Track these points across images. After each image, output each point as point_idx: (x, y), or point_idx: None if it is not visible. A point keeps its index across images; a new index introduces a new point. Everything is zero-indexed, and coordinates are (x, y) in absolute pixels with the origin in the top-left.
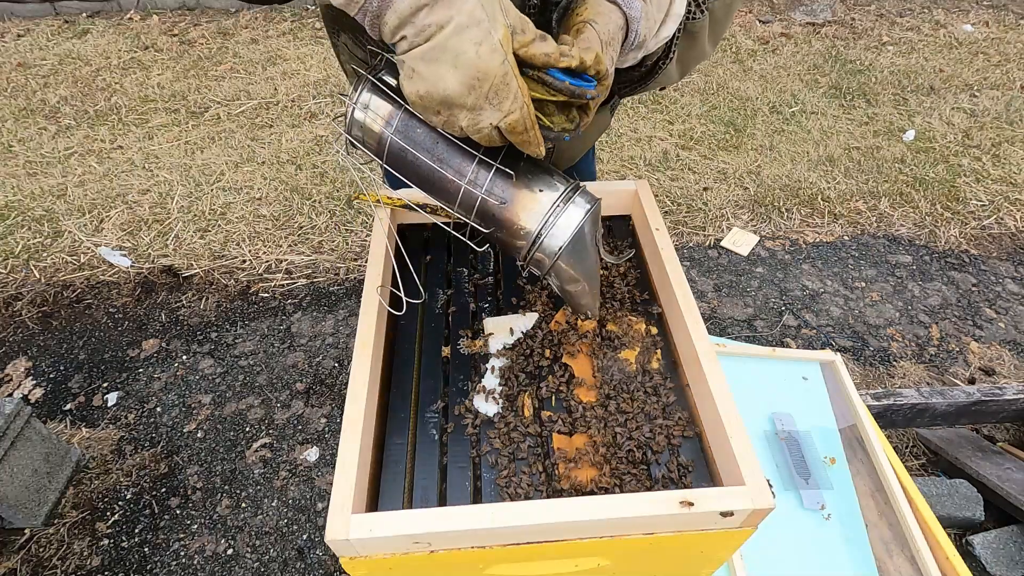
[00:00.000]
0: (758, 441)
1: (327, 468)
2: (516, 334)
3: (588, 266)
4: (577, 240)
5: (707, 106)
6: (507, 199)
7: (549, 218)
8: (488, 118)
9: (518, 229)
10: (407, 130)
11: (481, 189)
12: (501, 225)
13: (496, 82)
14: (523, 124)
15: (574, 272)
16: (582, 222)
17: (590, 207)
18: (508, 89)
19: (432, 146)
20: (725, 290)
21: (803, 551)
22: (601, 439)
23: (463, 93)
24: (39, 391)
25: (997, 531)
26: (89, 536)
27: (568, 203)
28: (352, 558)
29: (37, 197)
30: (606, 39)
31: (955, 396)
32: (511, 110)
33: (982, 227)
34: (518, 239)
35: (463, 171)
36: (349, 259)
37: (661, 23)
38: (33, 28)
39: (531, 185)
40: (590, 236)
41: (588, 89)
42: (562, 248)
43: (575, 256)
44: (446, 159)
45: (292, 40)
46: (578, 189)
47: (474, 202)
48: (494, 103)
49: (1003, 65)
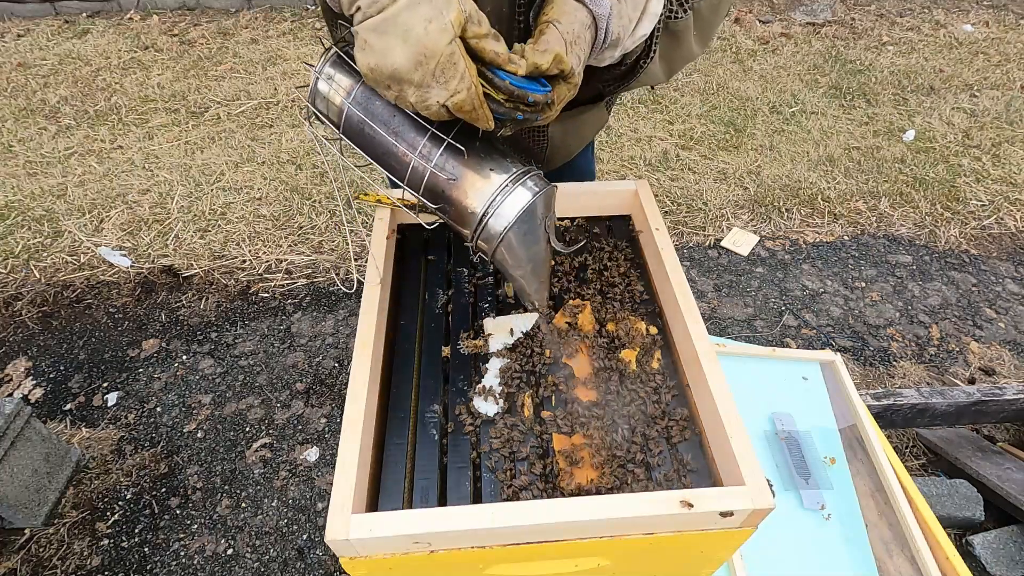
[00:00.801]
0: (758, 441)
1: (327, 468)
2: (516, 334)
3: (534, 252)
4: (522, 224)
5: (707, 106)
6: (457, 176)
7: (496, 198)
8: (435, 96)
9: (465, 208)
10: (366, 102)
11: (431, 163)
12: (449, 202)
13: (443, 61)
14: (470, 104)
15: (518, 257)
16: (528, 205)
17: (539, 191)
18: (455, 69)
19: (389, 119)
20: (725, 290)
21: (803, 551)
22: (601, 439)
23: (410, 69)
24: (39, 391)
25: (997, 531)
26: (89, 536)
27: (517, 185)
28: (352, 558)
29: (37, 197)
30: (570, 39)
31: (955, 396)
32: (457, 90)
33: (982, 227)
34: (464, 218)
35: (415, 145)
36: (349, 259)
37: (637, 22)
38: (33, 28)
39: (482, 164)
40: (539, 222)
41: (533, 93)
42: (506, 230)
43: (520, 240)
44: (401, 132)
45: (292, 40)
46: (531, 173)
47: (423, 176)
48: (440, 81)
49: (1003, 65)
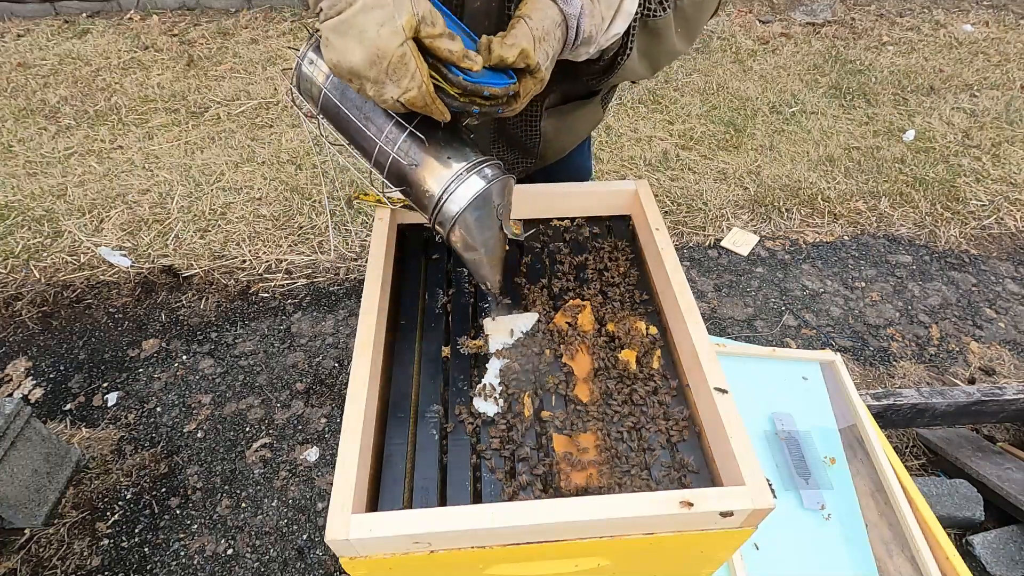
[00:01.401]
0: (758, 441)
1: (327, 468)
2: (516, 334)
3: (487, 237)
4: (475, 209)
5: (707, 106)
6: (418, 162)
7: (451, 184)
8: (389, 92)
9: (424, 191)
10: (342, 87)
11: (394, 148)
12: (411, 186)
13: (394, 61)
14: (422, 100)
15: (471, 240)
16: (481, 192)
17: (493, 180)
18: (406, 69)
19: (361, 104)
20: (725, 290)
21: (803, 551)
22: (601, 439)
23: (366, 67)
24: (39, 391)
25: (997, 531)
26: (89, 536)
27: (473, 173)
28: (352, 558)
29: (37, 197)
30: (539, 35)
31: (955, 396)
32: (408, 87)
33: (982, 227)
34: (424, 200)
35: (383, 130)
36: (349, 259)
37: (611, 20)
38: (33, 28)
39: (442, 152)
40: (493, 208)
41: (489, 87)
42: (459, 214)
43: (474, 224)
44: (371, 117)
45: (292, 40)
46: (489, 163)
47: (386, 160)
48: (393, 79)
49: (1003, 65)
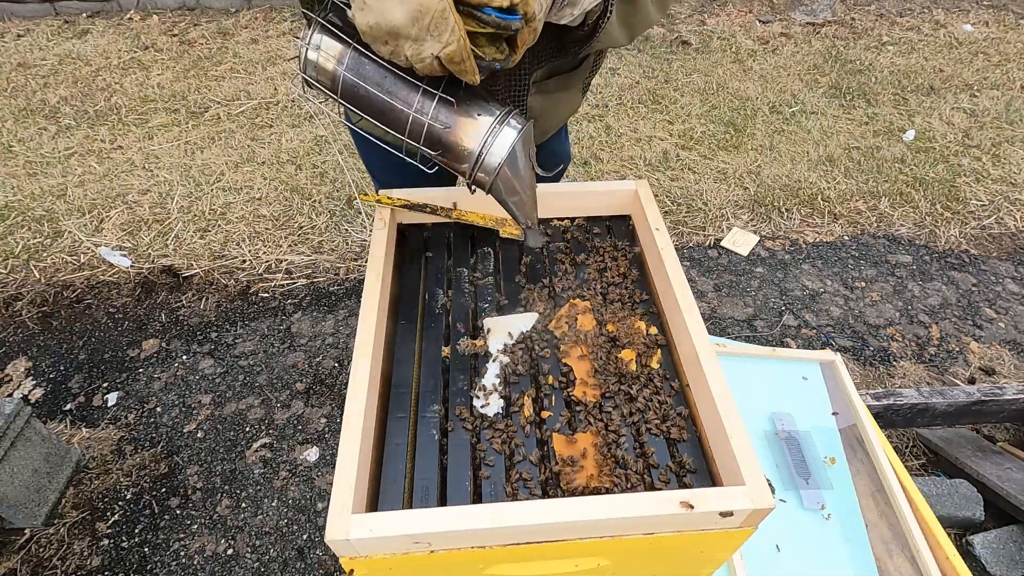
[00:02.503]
0: (758, 441)
1: (327, 468)
2: (516, 334)
3: (523, 179)
4: (513, 156)
5: (707, 106)
6: (450, 124)
7: (487, 138)
8: (429, 48)
9: (462, 150)
10: (357, 67)
11: (427, 116)
12: (447, 147)
13: (436, 16)
14: (460, 55)
15: (513, 184)
16: (516, 140)
17: (522, 127)
18: (446, 23)
19: (381, 80)
20: (725, 290)
21: (803, 551)
22: (601, 439)
23: (407, 24)
24: (39, 391)
25: (997, 531)
26: (89, 536)
27: (503, 125)
28: (352, 558)
29: (37, 197)
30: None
31: (955, 396)
32: (449, 42)
33: (982, 227)
34: (462, 160)
35: (410, 101)
36: (349, 259)
37: None
38: (33, 28)
39: (470, 110)
40: (524, 152)
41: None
42: (501, 164)
43: (512, 170)
44: (394, 91)
45: (292, 40)
46: (511, 112)
47: (422, 128)
48: (434, 35)
49: (1003, 65)
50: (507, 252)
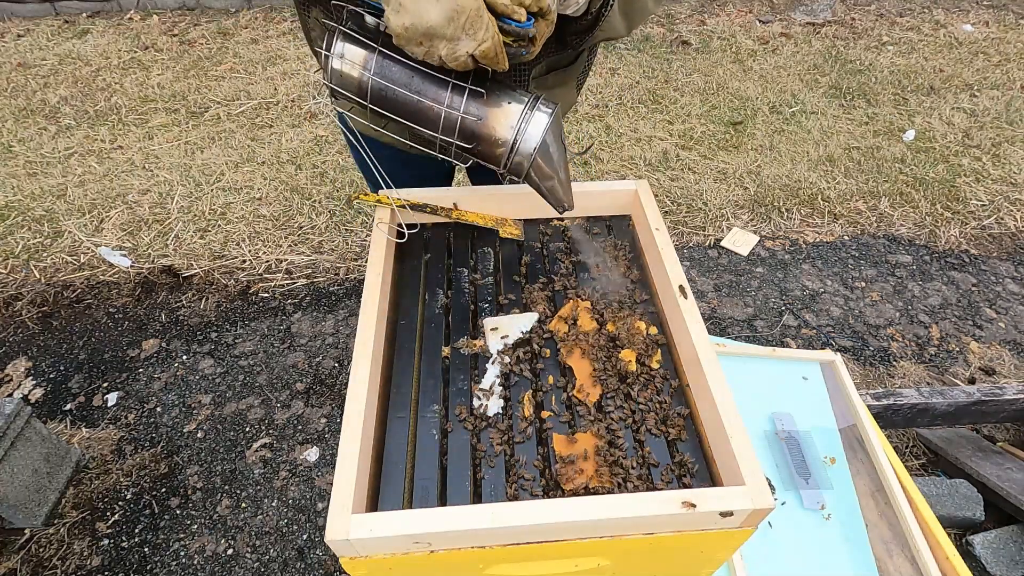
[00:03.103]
0: (758, 441)
1: (327, 468)
2: (516, 334)
3: (558, 160)
4: (547, 139)
5: (707, 106)
6: (482, 115)
7: (521, 125)
8: (464, 47)
9: (496, 139)
10: (383, 70)
11: (459, 110)
12: (481, 139)
13: (472, 15)
14: (494, 51)
15: (548, 168)
16: (549, 123)
17: (552, 110)
18: (481, 21)
19: (408, 80)
20: (725, 290)
21: (803, 551)
22: (601, 439)
23: (444, 24)
24: (39, 391)
25: (997, 531)
26: (89, 536)
27: (534, 110)
28: (352, 558)
29: (37, 197)
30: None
31: (955, 396)
32: (484, 39)
33: (982, 227)
34: (497, 148)
35: (440, 98)
36: (349, 259)
37: None
38: (33, 28)
39: (500, 100)
40: (556, 135)
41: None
42: (536, 149)
43: (547, 153)
44: (423, 90)
45: (292, 40)
46: (539, 98)
47: (455, 123)
48: (470, 33)
49: (1003, 65)
50: (507, 252)
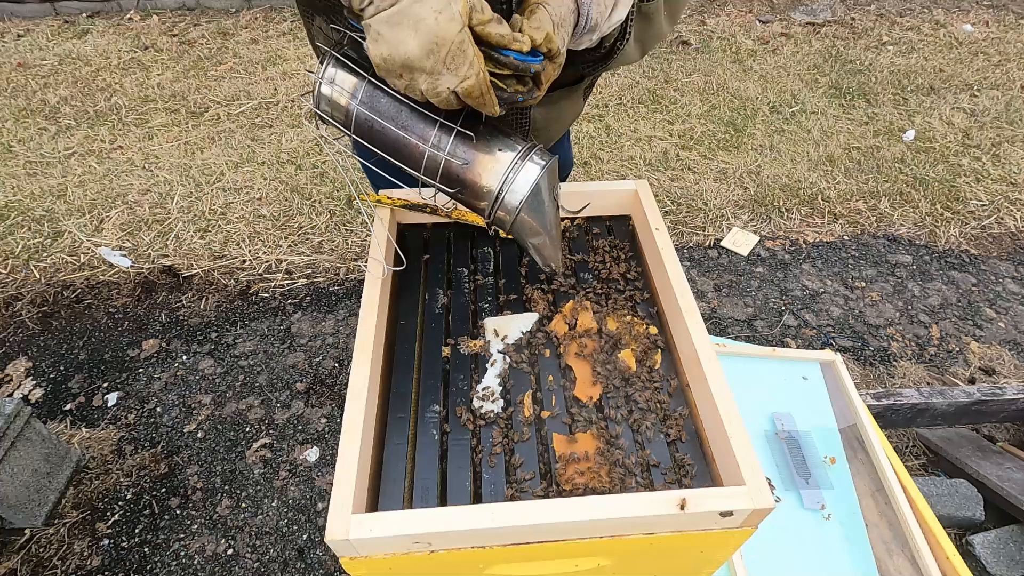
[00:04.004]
0: (758, 441)
1: (327, 468)
2: (516, 334)
3: (547, 219)
4: (535, 194)
5: (707, 106)
6: (469, 160)
7: (508, 175)
8: (446, 83)
9: (480, 188)
10: (371, 101)
11: (444, 152)
12: (465, 185)
13: (453, 49)
14: (479, 89)
15: (536, 225)
16: (539, 177)
17: (546, 163)
18: (464, 56)
19: (396, 114)
20: (725, 290)
21: (803, 551)
22: (601, 439)
23: (422, 57)
24: (39, 391)
25: (997, 531)
26: (89, 536)
27: (526, 160)
28: (352, 558)
29: (37, 197)
30: (557, 20)
31: (955, 396)
32: (467, 76)
33: (982, 227)
34: (481, 198)
35: (426, 136)
36: (349, 259)
37: (613, 7)
38: (33, 28)
39: (490, 146)
40: (547, 190)
41: (533, 64)
42: (522, 203)
43: (535, 210)
44: (410, 126)
45: (292, 40)
46: (534, 148)
47: (438, 164)
48: (451, 68)
49: (1003, 65)
50: (507, 252)
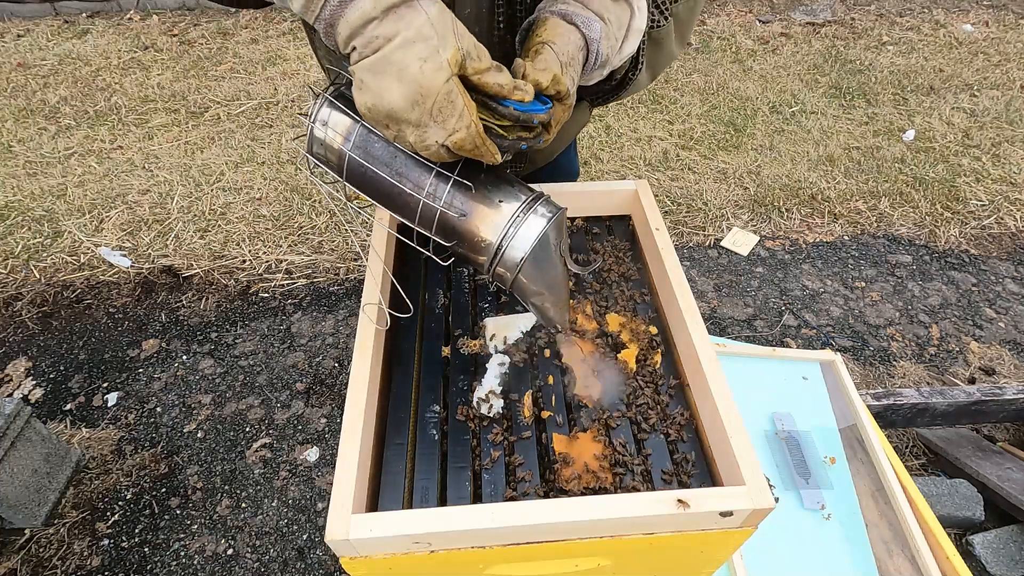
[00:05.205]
0: (758, 441)
1: (327, 468)
2: (516, 334)
3: (552, 278)
4: (539, 251)
5: (707, 106)
6: (467, 212)
7: (509, 229)
8: (434, 135)
9: (479, 242)
10: (365, 145)
11: (440, 202)
12: (462, 238)
13: (440, 100)
14: (470, 143)
15: (537, 285)
16: (543, 232)
17: (551, 216)
18: (453, 108)
19: (390, 160)
20: (725, 290)
21: (803, 551)
22: (601, 439)
23: (407, 108)
24: (39, 391)
25: (997, 531)
26: (89, 536)
27: (529, 213)
28: (352, 558)
29: (37, 197)
30: (565, 60)
31: (955, 396)
32: (456, 128)
33: (982, 227)
34: (480, 252)
35: (421, 184)
36: (349, 259)
37: (623, 40)
38: (33, 28)
39: (491, 196)
40: (553, 246)
41: (537, 114)
42: (523, 260)
43: (538, 268)
44: (404, 173)
45: (292, 40)
46: (540, 199)
47: (433, 215)
48: (438, 120)
49: (1003, 65)
50: None
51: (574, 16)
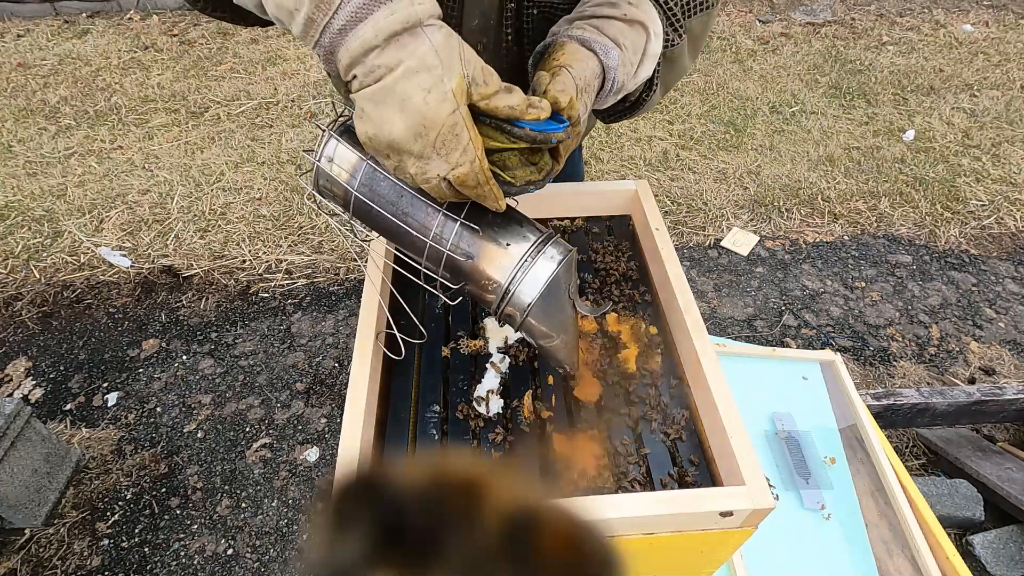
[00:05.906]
0: (758, 441)
1: (327, 468)
2: (516, 334)
3: (562, 320)
4: (548, 294)
5: (707, 106)
6: (474, 254)
7: (517, 273)
8: (436, 168)
9: (487, 283)
10: (371, 183)
11: (446, 244)
12: (470, 279)
13: (444, 132)
14: (474, 179)
15: (546, 327)
16: (552, 275)
17: (562, 259)
18: (457, 141)
19: (396, 199)
20: (725, 290)
21: (803, 551)
22: (601, 439)
23: (408, 139)
24: (39, 391)
25: (997, 531)
26: (89, 536)
27: (538, 256)
28: None
29: (37, 197)
30: (581, 85)
31: (955, 396)
32: (459, 163)
33: (982, 227)
34: (488, 293)
35: (428, 225)
36: (349, 259)
37: (639, 65)
38: (33, 28)
39: (499, 238)
40: (563, 289)
41: (555, 132)
42: (532, 303)
43: (547, 310)
44: (411, 213)
45: (292, 40)
46: (550, 239)
47: (440, 257)
48: (441, 153)
49: (1003, 65)
50: None
51: (592, 43)
